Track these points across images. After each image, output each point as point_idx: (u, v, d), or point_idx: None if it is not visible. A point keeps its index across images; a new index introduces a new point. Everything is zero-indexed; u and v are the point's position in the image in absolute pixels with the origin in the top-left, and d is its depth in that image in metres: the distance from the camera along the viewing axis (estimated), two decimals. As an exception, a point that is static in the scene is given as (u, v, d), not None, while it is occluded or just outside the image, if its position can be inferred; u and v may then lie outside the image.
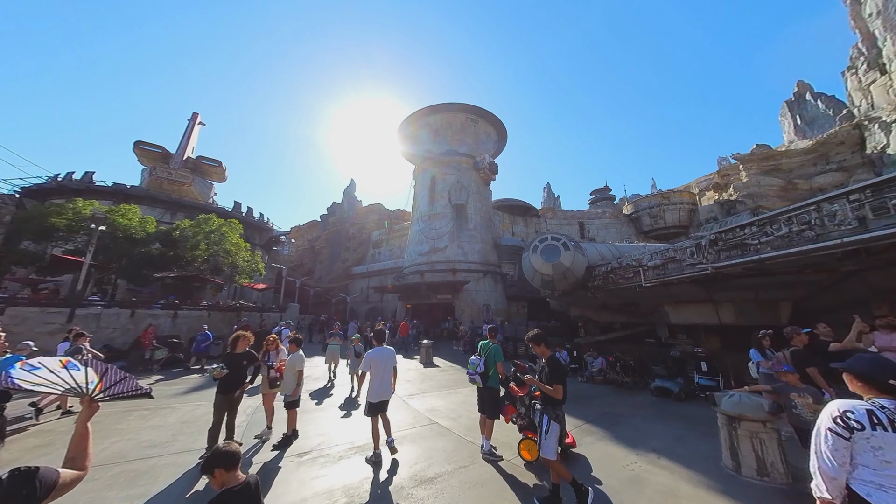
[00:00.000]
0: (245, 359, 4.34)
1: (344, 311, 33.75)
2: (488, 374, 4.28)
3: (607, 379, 8.37)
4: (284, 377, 4.75)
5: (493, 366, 4.30)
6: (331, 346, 8.92)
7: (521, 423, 4.08)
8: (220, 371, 4.09)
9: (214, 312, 15.32)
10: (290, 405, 4.71)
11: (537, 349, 3.33)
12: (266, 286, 21.37)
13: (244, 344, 4.39)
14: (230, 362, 4.21)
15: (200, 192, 26.64)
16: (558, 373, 3.14)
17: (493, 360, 4.32)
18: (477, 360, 4.35)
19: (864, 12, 22.91)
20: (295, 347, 4.87)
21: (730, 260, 8.14)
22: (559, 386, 3.08)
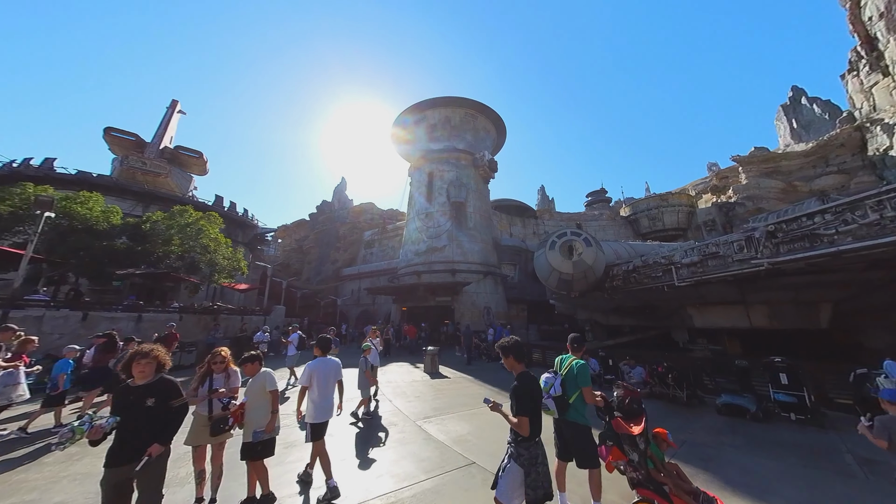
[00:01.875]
0: (153, 395, 2.39)
1: (334, 314, 31.84)
2: (568, 400, 2.99)
3: (653, 392, 7.12)
4: (248, 407, 3.20)
5: (577, 391, 3.00)
6: None
7: (632, 475, 2.74)
8: (96, 429, 2.16)
9: (187, 315, 13.48)
10: (261, 450, 3.06)
11: (507, 362, 2.62)
12: (249, 287, 19.51)
13: (145, 369, 2.42)
14: (124, 404, 2.37)
15: (178, 185, 24.52)
16: (522, 400, 2.40)
17: (576, 383, 3.01)
18: (551, 378, 3.07)
19: (864, 15, 22.95)
20: (257, 366, 3.35)
21: (794, 254, 7.10)
22: (524, 419, 2.34)
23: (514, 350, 2.59)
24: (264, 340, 10.17)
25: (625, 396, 2.98)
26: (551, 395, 2.95)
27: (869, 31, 22.60)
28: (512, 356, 2.58)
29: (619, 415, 2.88)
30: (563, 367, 3.15)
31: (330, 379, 3.71)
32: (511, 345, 2.61)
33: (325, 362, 3.76)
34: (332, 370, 3.77)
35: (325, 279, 38.28)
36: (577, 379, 3.01)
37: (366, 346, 6.21)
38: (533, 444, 2.40)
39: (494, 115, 29.48)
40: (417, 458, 4.28)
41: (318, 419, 3.59)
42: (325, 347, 3.87)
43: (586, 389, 2.99)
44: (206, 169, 27.48)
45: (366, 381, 5.89)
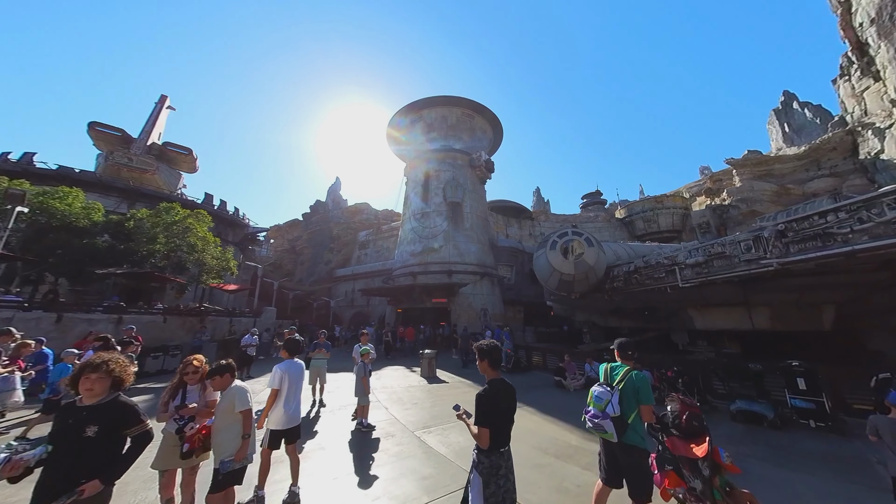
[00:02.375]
0: (98, 421, 1.87)
1: (327, 315, 31.19)
2: (627, 420, 2.51)
3: (662, 398, 6.81)
4: (215, 429, 2.68)
5: (636, 408, 2.52)
6: (315, 361, 6.88)
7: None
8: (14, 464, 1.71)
9: (172, 317, 12.85)
10: (225, 479, 2.55)
11: (481, 365, 2.42)
12: (239, 287, 18.85)
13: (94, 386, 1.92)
14: (60, 428, 1.88)
15: (166, 182, 23.72)
16: (482, 409, 2.23)
17: (636, 399, 2.53)
18: (605, 392, 2.60)
19: (855, 21, 23.30)
20: (228, 379, 2.78)
21: (805, 253, 6.89)
22: (483, 430, 2.18)
23: (491, 355, 2.37)
24: (252, 343, 9.66)
25: (682, 411, 2.57)
26: (609, 415, 2.47)
27: (860, 36, 22.95)
28: (487, 361, 2.37)
29: (675, 433, 2.48)
30: (615, 378, 2.65)
31: (300, 382, 3.59)
32: (489, 348, 2.39)
33: (293, 365, 3.59)
34: (301, 373, 3.65)
35: (318, 280, 37.58)
36: (640, 395, 2.50)
37: (365, 350, 5.79)
38: (496, 454, 2.19)
39: (491, 114, 29.29)
40: (418, 475, 3.87)
41: (289, 425, 3.41)
42: (293, 350, 3.70)
43: (648, 407, 2.50)
44: (196, 166, 26.70)
45: (363, 387, 5.47)
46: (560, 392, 8.11)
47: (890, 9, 20.45)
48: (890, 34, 20.45)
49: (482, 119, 29.52)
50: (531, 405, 6.84)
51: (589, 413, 2.61)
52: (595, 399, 2.61)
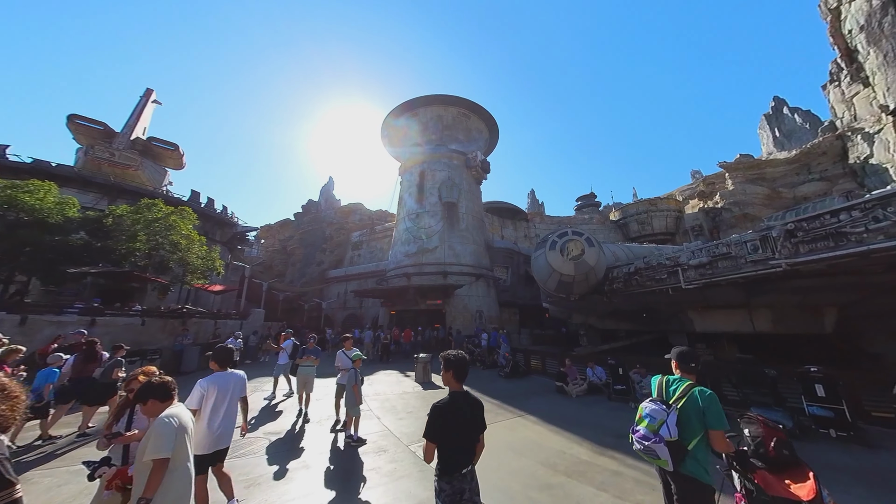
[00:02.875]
0: None
1: (318, 317, 30.45)
2: (687, 446, 2.03)
3: (670, 405, 6.48)
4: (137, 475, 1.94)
5: (700, 433, 2.03)
6: (303, 368, 6.36)
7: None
8: None
9: (152, 319, 12.14)
10: None
11: (445, 375, 2.26)
12: (225, 288, 18.10)
13: None
14: None
15: (150, 178, 22.81)
16: (431, 422, 2.07)
17: (700, 421, 2.04)
18: (660, 411, 2.12)
19: (844, 28, 23.70)
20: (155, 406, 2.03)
21: (816, 254, 6.67)
22: (430, 445, 2.04)
23: (457, 367, 2.22)
24: (236, 348, 9.07)
25: (766, 437, 2.07)
26: (662, 438, 2.02)
27: (849, 43, 23.34)
28: (452, 372, 2.21)
29: (760, 465, 2.03)
30: (673, 394, 2.19)
31: (233, 397, 3.07)
32: (456, 359, 2.23)
33: (225, 378, 3.06)
34: (235, 387, 3.11)
35: (309, 281, 36.77)
36: (706, 416, 2.02)
37: (357, 356, 5.32)
38: (457, 478, 2.01)
39: (487, 115, 29.06)
40: (414, 499, 3.43)
41: (214, 447, 2.87)
42: (223, 360, 3.15)
43: (718, 433, 2.01)
44: (183, 163, 25.80)
45: (354, 397, 4.99)
46: (562, 398, 7.73)
47: (879, 16, 20.82)
48: (879, 41, 20.81)
49: (478, 119, 29.28)
50: (533, 413, 6.44)
51: (637, 433, 2.15)
52: (646, 417, 2.13)
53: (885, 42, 20.53)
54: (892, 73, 20.14)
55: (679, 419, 2.05)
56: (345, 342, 5.87)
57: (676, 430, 2.02)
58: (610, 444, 4.82)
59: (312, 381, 6.43)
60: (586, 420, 6.03)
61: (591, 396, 7.85)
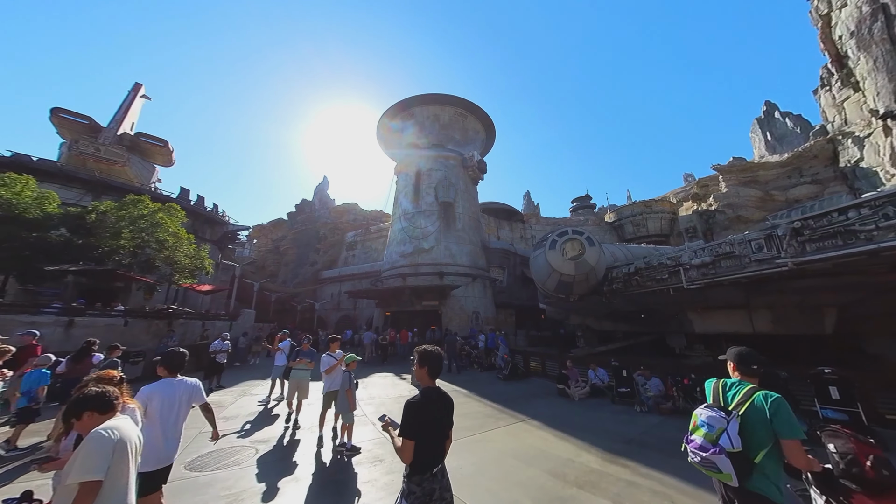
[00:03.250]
0: None
1: (311, 318, 29.87)
2: (753, 458, 1.76)
3: (677, 408, 6.27)
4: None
5: (769, 444, 1.76)
6: (296, 371, 5.96)
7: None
8: None
9: (135, 319, 11.61)
10: None
11: (418, 372, 2.19)
12: (214, 288, 17.53)
13: None
14: None
15: (138, 175, 22.10)
16: (407, 419, 2.00)
17: (767, 430, 1.76)
18: (718, 418, 1.83)
19: (835, 34, 24.10)
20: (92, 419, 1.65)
21: (824, 252, 6.54)
22: (407, 442, 1.94)
23: (431, 363, 2.16)
24: (223, 349, 8.63)
25: (859, 453, 1.79)
26: (723, 449, 1.75)
27: (839, 49, 23.73)
28: (426, 369, 2.15)
29: (855, 489, 1.74)
30: (733, 399, 1.92)
31: (180, 408, 2.69)
32: (430, 355, 2.17)
33: (171, 386, 2.70)
34: (185, 396, 2.74)
35: (302, 282, 36.15)
36: (775, 424, 1.73)
37: (351, 358, 4.98)
38: (428, 478, 1.95)
39: (483, 115, 28.93)
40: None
41: (156, 465, 2.50)
42: (173, 365, 2.78)
43: (792, 444, 1.73)
44: (172, 159, 25.11)
45: (347, 402, 4.66)
46: (564, 401, 7.47)
47: (869, 22, 21.18)
48: (869, 47, 21.16)
49: (474, 119, 29.12)
50: (536, 417, 6.16)
51: (693, 443, 1.87)
52: (703, 426, 1.84)
53: (874, 48, 20.88)
54: (881, 78, 20.48)
55: (742, 427, 1.77)
56: (331, 344, 5.43)
57: (739, 440, 1.73)
58: (620, 450, 4.57)
59: (307, 386, 6.01)
60: (592, 424, 5.77)
61: (594, 399, 7.61)
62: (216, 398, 7.93)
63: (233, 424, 5.95)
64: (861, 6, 21.68)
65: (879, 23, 20.58)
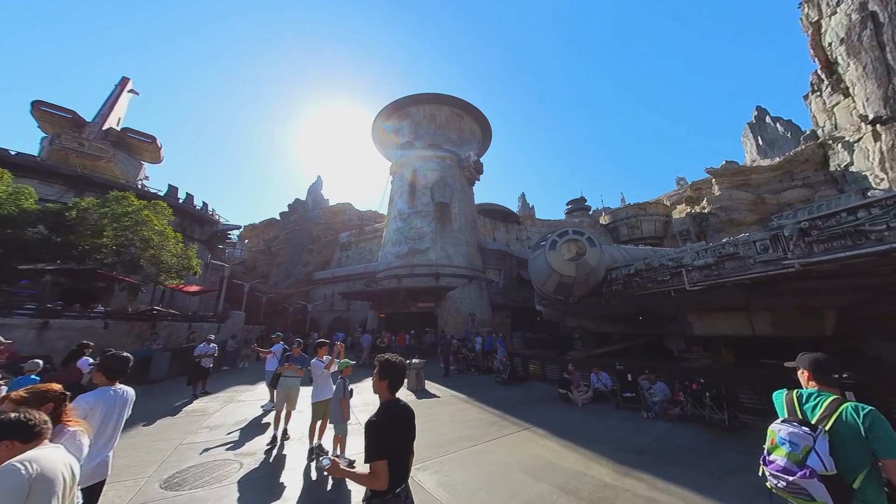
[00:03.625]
0: None
1: (303, 320, 29.27)
2: (850, 483, 1.47)
3: (685, 414, 6.04)
4: None
5: (867, 465, 1.47)
6: (285, 378, 5.33)
7: None
8: None
9: (117, 322, 11.05)
10: None
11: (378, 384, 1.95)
12: (202, 289, 16.93)
13: None
14: None
15: (124, 172, 21.36)
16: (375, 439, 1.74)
17: (864, 448, 1.48)
18: (803, 435, 1.53)
19: (825, 41, 24.54)
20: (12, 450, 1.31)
21: (832, 253, 6.42)
22: (378, 465, 1.69)
23: (392, 373, 1.95)
24: (208, 353, 8.15)
25: None
26: (814, 471, 1.48)
27: (829, 55, 24.16)
28: (388, 381, 1.94)
29: None
30: (813, 413, 1.65)
31: (120, 419, 2.43)
32: (391, 366, 1.97)
33: (111, 395, 2.39)
34: (122, 407, 2.44)
35: (295, 283, 35.46)
36: (871, 440, 1.48)
37: (345, 364, 4.62)
38: (391, 499, 1.75)
39: (481, 115, 28.77)
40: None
41: (89, 481, 2.20)
42: (113, 371, 2.47)
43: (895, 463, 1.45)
44: (161, 156, 24.37)
45: (341, 412, 4.29)
46: (567, 407, 7.20)
47: (858, 30, 21.57)
48: (858, 53, 21.55)
49: (471, 119, 28.95)
50: (540, 425, 5.87)
51: (773, 465, 1.58)
52: (783, 443, 1.56)
53: (864, 54, 21.26)
54: (870, 84, 20.84)
55: (833, 445, 1.50)
56: (318, 350, 4.92)
57: (832, 460, 1.46)
58: (632, 461, 4.30)
59: (296, 394, 5.46)
60: (599, 433, 5.50)
61: (598, 404, 7.36)
62: (201, 405, 7.49)
63: (217, 434, 5.54)
64: (851, 14, 22.10)
65: (868, 30, 20.97)
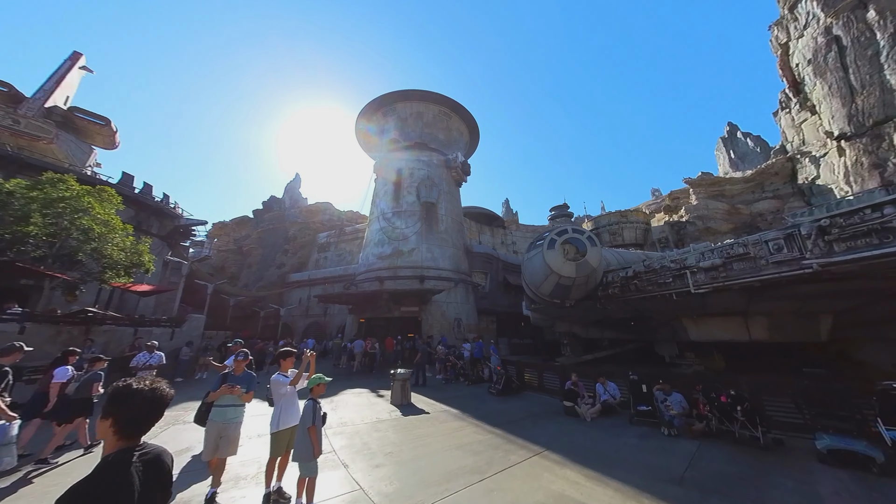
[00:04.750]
0: None
1: (275, 326, 27.17)
2: None
3: (709, 430, 5.34)
4: None
5: None
6: (219, 409, 3.67)
7: None
8: None
9: (41, 326, 9.19)
10: None
11: (101, 425, 1.30)
12: (153, 288, 14.90)
13: None
14: None
15: (69, 155, 18.85)
16: None
17: None
18: None
19: (793, 62, 26.00)
20: None
21: (856, 252, 6.05)
22: None
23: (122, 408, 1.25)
24: (149, 365, 6.68)
25: None
26: None
27: (797, 75, 25.59)
28: (113, 420, 1.23)
29: None
30: None
31: None
32: (129, 396, 1.27)
33: None
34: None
35: (267, 285, 33.14)
36: None
37: (317, 380, 3.45)
38: None
39: (468, 116, 28.26)
40: None
41: None
42: None
43: None
44: (116, 141, 21.89)
45: (310, 445, 3.17)
46: (576, 423, 6.37)
47: (824, 52, 22.92)
48: (824, 73, 22.86)
49: (458, 119, 28.37)
50: (552, 448, 4.97)
51: None
52: None
53: (829, 75, 22.56)
54: (836, 103, 22.09)
55: None
56: (282, 361, 3.69)
57: None
58: (678, 497, 3.47)
59: (236, 433, 3.67)
60: (622, 456, 4.68)
61: (607, 419, 6.58)
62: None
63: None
64: (817, 37, 23.50)
65: (833, 52, 22.30)
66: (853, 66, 21.31)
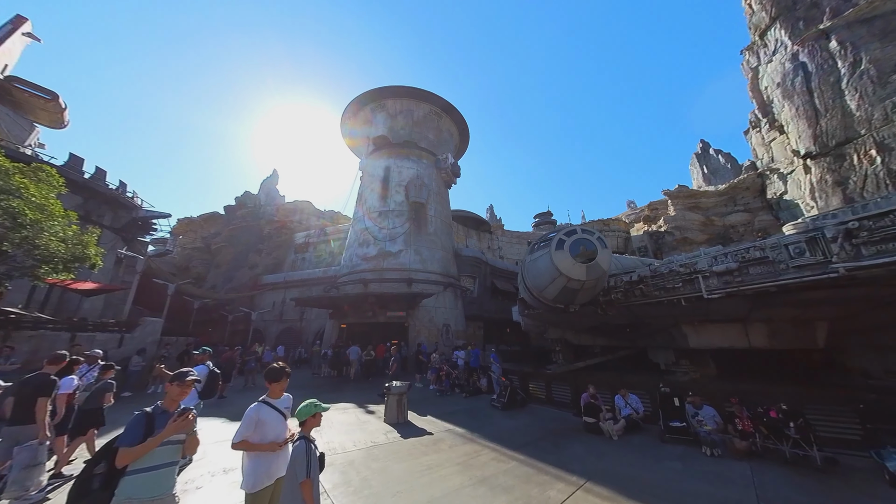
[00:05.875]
0: None
1: (246, 331, 24.94)
2: None
3: (756, 448, 4.80)
4: None
5: None
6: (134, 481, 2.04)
7: None
8: None
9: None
10: None
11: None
12: (99, 287, 12.82)
13: None
14: None
15: (3, 129, 16.30)
16: None
17: None
18: None
19: (762, 85, 27.74)
20: None
21: (886, 256, 5.86)
22: None
23: None
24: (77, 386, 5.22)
25: None
26: None
27: (766, 97, 27.32)
28: None
29: None
30: None
31: None
32: None
33: None
34: None
35: (237, 287, 30.66)
36: None
37: (313, 408, 2.38)
38: None
39: (459, 117, 27.80)
40: None
41: None
42: None
43: None
44: (64, 119, 19.30)
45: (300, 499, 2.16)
46: (603, 442, 5.66)
47: (791, 76, 24.55)
48: (791, 96, 24.46)
49: (449, 120, 27.83)
50: (592, 478, 4.19)
51: None
52: None
53: (796, 98, 24.15)
54: (802, 124, 23.61)
55: None
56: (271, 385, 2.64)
57: None
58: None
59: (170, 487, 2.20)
60: (676, 486, 3.99)
61: (635, 436, 5.94)
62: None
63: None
64: (785, 63, 25.18)
65: (800, 77, 23.91)
66: (818, 90, 22.91)
